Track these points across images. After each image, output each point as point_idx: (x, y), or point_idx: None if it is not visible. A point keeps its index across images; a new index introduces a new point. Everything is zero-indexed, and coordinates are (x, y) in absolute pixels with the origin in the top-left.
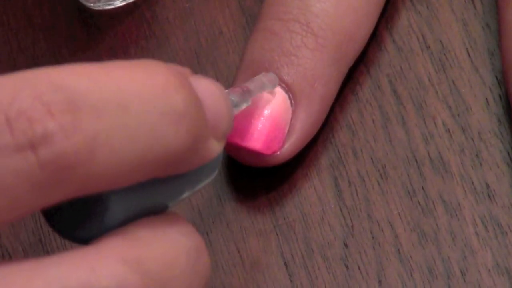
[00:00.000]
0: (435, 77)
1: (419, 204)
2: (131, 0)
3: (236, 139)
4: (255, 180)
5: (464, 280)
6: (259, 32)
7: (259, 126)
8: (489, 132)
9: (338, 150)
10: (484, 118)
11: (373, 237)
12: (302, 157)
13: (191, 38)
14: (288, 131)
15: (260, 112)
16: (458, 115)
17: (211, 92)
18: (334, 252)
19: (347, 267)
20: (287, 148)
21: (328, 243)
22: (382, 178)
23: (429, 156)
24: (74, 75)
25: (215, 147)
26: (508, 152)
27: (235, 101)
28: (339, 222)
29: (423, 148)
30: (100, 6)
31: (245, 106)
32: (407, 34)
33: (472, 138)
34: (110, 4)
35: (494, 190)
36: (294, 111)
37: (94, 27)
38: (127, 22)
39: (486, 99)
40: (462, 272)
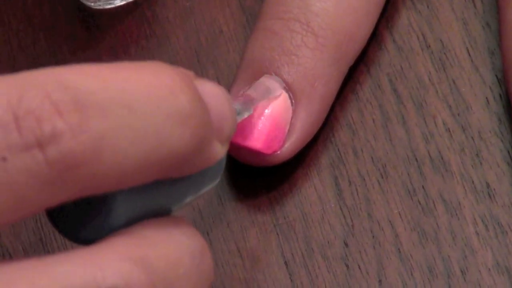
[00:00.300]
0: (435, 76)
1: (419, 203)
2: None
3: (236, 138)
4: (255, 179)
5: (465, 280)
6: (259, 31)
7: (260, 125)
8: (489, 131)
9: (338, 149)
10: (484, 117)
11: (373, 236)
12: (302, 156)
13: (192, 37)
14: (289, 130)
15: (261, 112)
16: (458, 114)
17: (215, 95)
18: (335, 251)
19: (347, 266)
20: (287, 148)
21: (328, 242)
22: (382, 177)
23: (429, 155)
24: (82, 75)
25: (219, 150)
26: (509, 151)
27: (238, 109)
28: (340, 222)
29: (423, 147)
30: (100, 5)
31: (247, 115)
32: (407, 33)
33: (472, 137)
34: (110, 3)
35: (494, 189)
36: (294, 111)
37: (95, 27)
38: (127, 21)
39: (486, 98)
40: (462, 271)
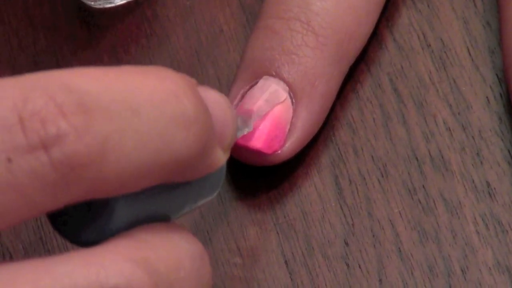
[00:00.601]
0: (436, 75)
1: (420, 202)
2: None
3: (239, 139)
4: (255, 178)
5: (465, 279)
6: (260, 30)
7: (260, 125)
8: (489, 131)
9: (339, 148)
10: (484, 116)
11: (373, 235)
12: (302, 155)
13: (192, 36)
14: (289, 130)
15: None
16: (459, 113)
17: (218, 102)
18: (335, 251)
19: (347, 265)
20: (288, 147)
21: (328, 241)
22: (382, 177)
23: (429, 154)
24: (87, 78)
25: (221, 156)
26: (509, 151)
27: (237, 125)
28: (340, 221)
29: (423, 147)
30: (100, 4)
31: (246, 131)
32: (408, 33)
33: (472, 137)
34: (111, 3)
35: (494, 189)
36: (295, 110)
37: (95, 26)
38: (127, 21)
39: (487, 97)
40: (462, 270)
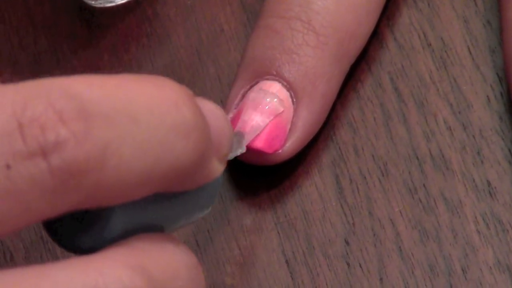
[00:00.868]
0: (436, 74)
1: (420, 201)
2: None
3: None
4: (256, 178)
5: (466, 278)
6: (260, 29)
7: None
8: (490, 130)
9: (339, 147)
10: (485, 115)
11: (374, 234)
12: (303, 155)
13: (192, 35)
14: (290, 129)
15: (264, 109)
16: (459, 112)
17: (214, 113)
18: (336, 250)
19: (348, 264)
20: (288, 147)
21: (329, 240)
22: (383, 176)
23: (430, 153)
24: (87, 85)
25: (218, 167)
26: (510, 150)
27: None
28: (340, 220)
29: (424, 146)
30: (101, 3)
31: (240, 152)
32: (408, 32)
33: (473, 136)
34: (111, 2)
35: (495, 188)
36: (295, 110)
37: (95, 25)
38: (128, 20)
39: (487, 96)
40: (463, 269)
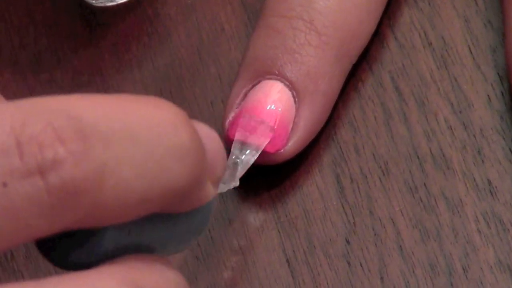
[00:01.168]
0: (437, 73)
1: (421, 200)
2: None
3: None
4: (257, 177)
5: (466, 277)
6: (262, 29)
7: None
8: (491, 129)
9: (340, 147)
10: (486, 114)
11: (375, 233)
12: (304, 154)
13: (193, 34)
14: (292, 129)
15: (266, 109)
16: (460, 111)
17: (209, 136)
18: (336, 249)
19: (349, 263)
20: (290, 146)
21: (330, 239)
22: (384, 175)
23: (431, 152)
24: (86, 104)
25: (211, 190)
26: (510, 149)
27: (223, 179)
28: (341, 219)
29: (425, 145)
30: (102, 2)
31: (233, 186)
32: (409, 31)
33: (474, 135)
34: (112, 1)
35: (496, 187)
36: (297, 109)
37: (96, 24)
38: (129, 19)
39: (488, 95)
40: (464, 268)
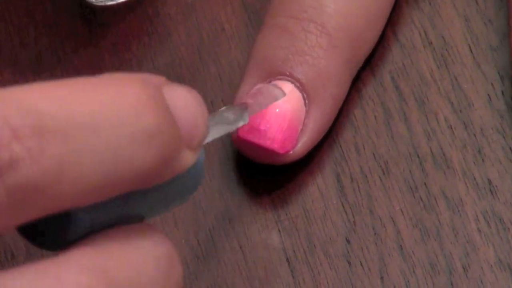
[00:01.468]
0: (437, 73)
1: (421, 200)
2: None
3: (251, 137)
4: (257, 176)
5: (466, 276)
6: (272, 29)
7: (275, 125)
8: (491, 128)
9: (341, 146)
10: (486, 114)
11: (375, 233)
12: None
13: (193, 34)
14: (301, 130)
15: (277, 111)
16: (460, 111)
17: (185, 101)
18: (336, 248)
19: (349, 263)
20: (299, 147)
21: (330, 239)
22: (384, 174)
23: (431, 152)
24: (42, 97)
25: (189, 157)
26: (511, 148)
27: (231, 118)
28: (341, 218)
29: (425, 144)
30: (102, 2)
31: (241, 124)
32: (410, 30)
33: (474, 134)
34: (112, 0)
35: (496, 186)
36: (307, 111)
37: (96, 23)
38: (129, 18)
39: (488, 95)
40: (464, 268)
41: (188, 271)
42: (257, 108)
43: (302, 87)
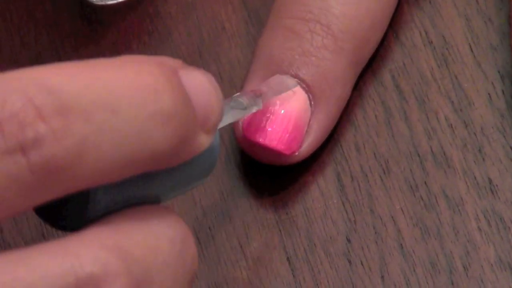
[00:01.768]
0: (438, 72)
1: (422, 199)
2: None
3: (257, 137)
4: (257, 175)
5: (467, 275)
6: (278, 29)
7: (282, 126)
8: (491, 127)
9: (341, 145)
10: (486, 113)
11: (375, 232)
12: None
13: (194, 33)
14: (307, 131)
15: (282, 112)
16: (461, 110)
17: (201, 84)
18: (337, 247)
19: (349, 262)
20: (304, 148)
21: (330, 238)
22: (384, 173)
23: (431, 151)
24: (66, 76)
25: (204, 140)
26: (511, 147)
27: (245, 103)
28: (342, 217)
29: (425, 143)
30: (102, 1)
31: (255, 109)
32: (410, 30)
33: (474, 133)
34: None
35: (496, 185)
36: (313, 112)
37: (97, 23)
38: (129, 17)
39: (489, 94)
40: (464, 267)
41: None
42: (270, 94)
43: (308, 88)
